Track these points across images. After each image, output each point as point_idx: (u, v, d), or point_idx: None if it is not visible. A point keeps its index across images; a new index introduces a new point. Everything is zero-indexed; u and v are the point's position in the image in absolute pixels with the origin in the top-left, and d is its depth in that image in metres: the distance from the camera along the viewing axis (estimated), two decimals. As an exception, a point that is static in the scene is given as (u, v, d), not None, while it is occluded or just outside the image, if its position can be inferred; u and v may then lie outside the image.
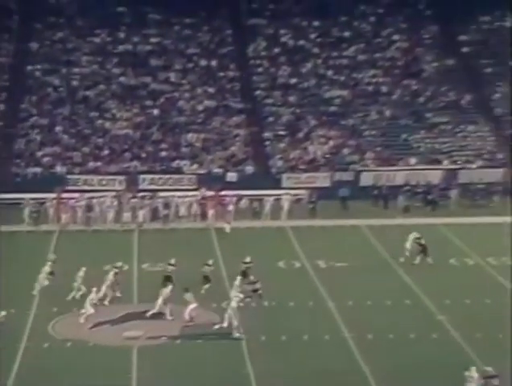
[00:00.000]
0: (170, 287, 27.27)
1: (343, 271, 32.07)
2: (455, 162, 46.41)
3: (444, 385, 22.70)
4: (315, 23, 54.72)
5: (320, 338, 25.79)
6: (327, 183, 44.91)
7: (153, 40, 53.29)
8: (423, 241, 33.14)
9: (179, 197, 40.92)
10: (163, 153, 47.08)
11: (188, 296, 26.99)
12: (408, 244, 33.31)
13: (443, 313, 27.62)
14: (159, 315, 27.23)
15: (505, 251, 33.64)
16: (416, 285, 30.49)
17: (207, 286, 29.42)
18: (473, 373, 21.90)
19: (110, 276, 28.90)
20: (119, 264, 30.04)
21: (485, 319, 26.96)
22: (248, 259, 30.44)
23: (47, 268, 29.60)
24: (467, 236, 36.11)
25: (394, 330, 26.29)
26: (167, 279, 28.27)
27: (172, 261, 30.07)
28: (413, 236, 33.49)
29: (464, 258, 33.45)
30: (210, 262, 30.36)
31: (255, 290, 28.02)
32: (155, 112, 49.28)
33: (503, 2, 52.57)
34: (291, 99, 50.49)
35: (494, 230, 37.31)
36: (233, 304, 26.05)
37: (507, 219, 39.16)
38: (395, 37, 53.58)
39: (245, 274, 29.37)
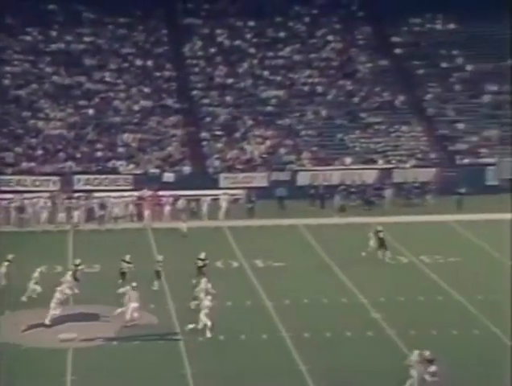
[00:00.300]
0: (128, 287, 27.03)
1: (280, 270, 32.24)
2: (389, 162, 47.04)
3: (380, 383, 22.93)
4: (251, 23, 54.86)
5: (258, 337, 25.85)
6: (264, 183, 45.15)
7: (86, 39, 52.71)
8: (381, 235, 33.38)
9: (115, 197, 40.56)
10: (99, 154, 46.56)
11: (133, 294, 26.79)
12: (372, 242, 33.67)
13: (379, 311, 27.94)
14: (94, 316, 26.92)
15: (439, 249, 34.25)
16: (352, 284, 30.82)
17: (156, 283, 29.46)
18: (415, 357, 22.52)
19: (68, 276, 28.58)
20: (77, 261, 29.85)
21: (418, 317, 27.35)
22: (203, 255, 30.67)
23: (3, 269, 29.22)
24: (401, 235, 36.62)
25: (330, 328, 26.54)
26: (123, 276, 28.43)
27: (127, 258, 29.98)
28: (373, 232, 33.89)
29: (399, 256, 33.92)
30: (159, 258, 30.58)
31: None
32: (90, 111, 48.74)
33: (433, 5, 53.57)
34: (228, 99, 50.51)
35: (428, 229, 37.90)
36: (207, 303, 25.94)
37: (441, 217, 39.88)
38: (330, 38, 54.10)
39: (201, 271, 29.70)
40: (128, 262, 30.04)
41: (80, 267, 29.74)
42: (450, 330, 26.03)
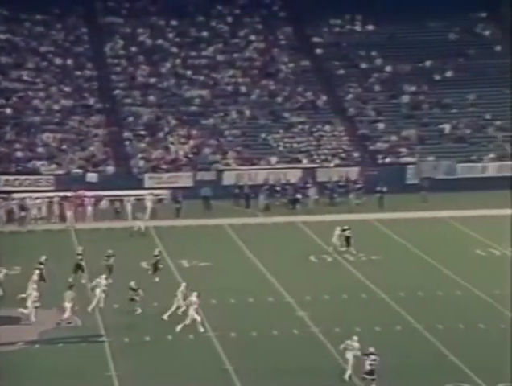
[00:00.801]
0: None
1: (206, 270, 32.15)
2: (313, 161, 47.56)
3: (307, 380, 23.21)
4: (173, 23, 54.59)
5: (185, 337, 25.74)
6: (189, 183, 45.05)
7: (1, 36, 51.52)
8: (347, 233, 33.75)
9: (36, 198, 39.76)
10: (19, 154, 45.57)
11: (69, 294, 26.58)
12: (335, 239, 33.89)
13: (304, 309, 28.18)
14: (15, 320, 26.35)
15: (363, 247, 34.73)
16: (278, 283, 30.97)
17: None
18: (354, 343, 23.46)
19: (35, 276, 28.09)
20: (43, 258, 29.56)
21: (343, 314, 27.72)
22: (156, 251, 31.00)
23: None
24: (324, 234, 37.04)
25: (257, 327, 26.69)
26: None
27: (42, 259, 29.63)
28: (338, 230, 34.10)
29: (323, 255, 34.25)
30: (79, 250, 30.68)
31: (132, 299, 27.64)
32: (8, 111, 47.69)
33: (353, 6, 54.32)
34: (151, 98, 50.15)
35: (350, 227, 38.41)
36: (194, 299, 25.96)
37: (363, 216, 40.50)
38: (252, 38, 54.30)
39: (155, 267, 30.16)
40: (41, 263, 29.57)
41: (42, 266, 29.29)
42: (373, 326, 26.42)
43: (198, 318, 25.96)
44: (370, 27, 55.51)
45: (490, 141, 49.07)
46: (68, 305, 26.33)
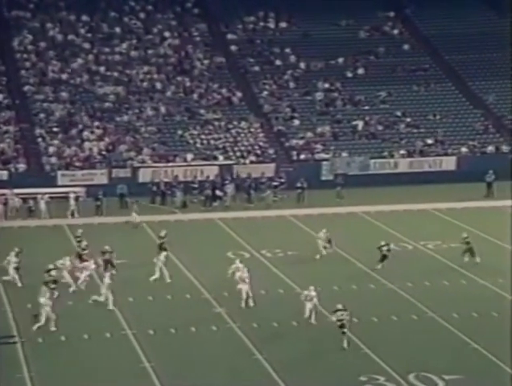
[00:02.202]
0: None
1: (123, 267, 31.81)
2: (229, 158, 47.65)
3: (227, 376, 23.32)
4: (84, 18, 53.75)
5: (102, 336, 25.48)
6: (104, 180, 44.68)
7: None
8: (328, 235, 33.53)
9: None
10: None
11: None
12: (320, 242, 33.98)
13: (223, 305, 28.27)
14: None
15: (279, 243, 35.00)
16: (196, 279, 30.92)
17: None
18: (312, 292, 26.36)
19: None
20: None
21: (261, 309, 27.92)
22: (107, 247, 30.91)
23: None
24: (242, 230, 37.14)
25: (175, 324, 26.66)
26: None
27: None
28: (323, 233, 34.08)
29: (240, 251, 34.39)
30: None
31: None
32: None
33: (266, 4, 54.63)
34: (63, 95, 49.32)
35: (268, 223, 38.66)
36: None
37: (280, 212, 40.82)
38: (166, 34, 53.97)
39: (107, 263, 29.93)
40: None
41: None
42: (290, 321, 26.69)
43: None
44: (283, 25, 55.93)
45: (401, 137, 50.22)
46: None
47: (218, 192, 43.82)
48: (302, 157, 48.75)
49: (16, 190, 41.03)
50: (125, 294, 28.56)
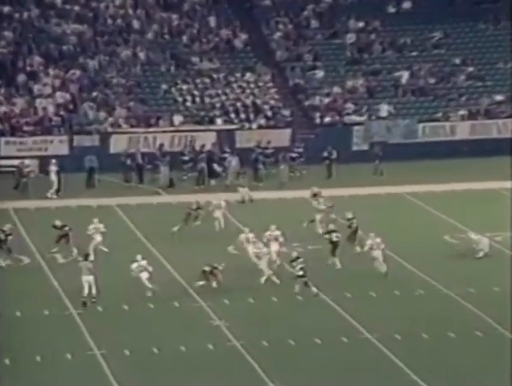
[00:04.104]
0: None
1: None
2: (231, 121, 47.49)
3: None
4: None
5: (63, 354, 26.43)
6: (64, 150, 44.72)
7: None
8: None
9: None
10: None
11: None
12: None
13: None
14: None
15: (297, 235, 34.97)
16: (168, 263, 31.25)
17: None
18: (249, 234, 32.05)
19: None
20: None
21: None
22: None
23: None
24: (248, 216, 37.06)
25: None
26: None
27: None
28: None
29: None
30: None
31: None
32: None
33: None
34: (7, 34, 49.20)
35: (281, 207, 38.51)
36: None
37: (299, 193, 40.75)
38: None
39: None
40: None
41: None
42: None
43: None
44: None
45: (461, 93, 49.98)
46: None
47: (216, 167, 43.71)
48: (327, 120, 48.57)
49: None
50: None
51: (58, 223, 33.71)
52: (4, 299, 29.90)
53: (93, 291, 29.55)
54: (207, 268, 30.24)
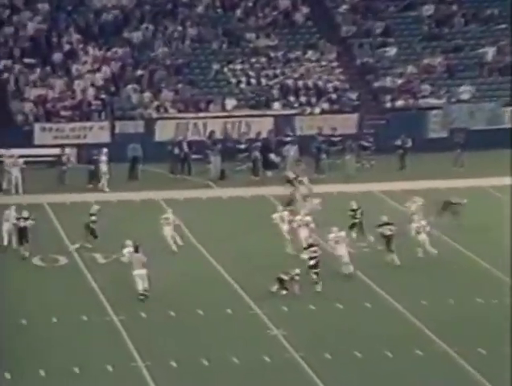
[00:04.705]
0: None
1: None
2: (290, 106, 47.73)
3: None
4: None
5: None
6: (105, 138, 45.14)
7: None
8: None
9: None
10: None
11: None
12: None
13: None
14: None
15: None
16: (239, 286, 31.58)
17: None
18: (169, 214, 34.26)
19: None
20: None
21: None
22: None
23: None
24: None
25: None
26: None
27: None
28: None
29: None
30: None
31: None
32: None
33: None
34: (41, 7, 49.77)
35: (348, 203, 38.72)
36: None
37: (370, 186, 40.92)
38: None
39: None
40: None
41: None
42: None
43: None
44: None
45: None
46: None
47: (273, 157, 44.01)
48: (399, 104, 48.58)
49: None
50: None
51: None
52: (38, 303, 30.34)
53: (146, 286, 30.18)
54: (285, 277, 30.50)
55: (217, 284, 31.95)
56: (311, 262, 30.94)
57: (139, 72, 48.06)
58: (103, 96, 47.05)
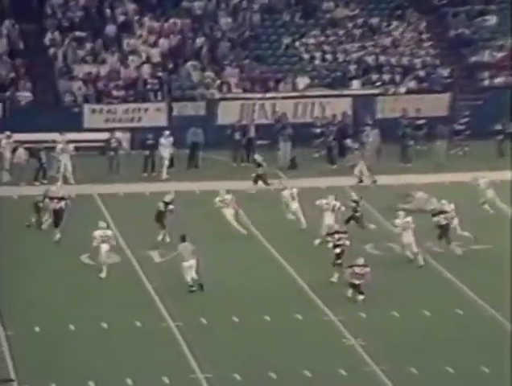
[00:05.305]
0: None
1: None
2: (370, 84, 47.87)
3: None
4: None
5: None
6: (162, 122, 45.61)
7: None
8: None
9: None
10: None
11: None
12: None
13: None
14: None
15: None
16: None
17: None
18: (226, 195, 35.38)
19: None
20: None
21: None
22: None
23: None
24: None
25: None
26: None
27: None
28: None
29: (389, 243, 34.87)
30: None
31: None
32: None
33: None
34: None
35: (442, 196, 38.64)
36: None
37: (453, 176, 40.92)
38: None
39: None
40: None
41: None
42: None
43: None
44: None
45: None
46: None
47: (349, 142, 44.03)
48: (498, 81, 48.46)
49: (16, 136, 42.17)
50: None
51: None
52: (85, 306, 30.59)
53: (194, 276, 30.96)
54: (356, 281, 30.59)
55: (285, 285, 32.03)
56: (337, 250, 31.44)
57: (200, 47, 48.49)
58: (160, 73, 47.52)
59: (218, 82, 47.34)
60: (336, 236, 31.58)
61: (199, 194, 40.01)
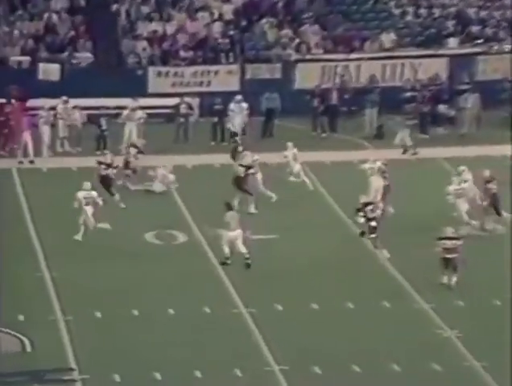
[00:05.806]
0: None
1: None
2: (471, 41, 47.68)
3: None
4: None
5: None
6: (234, 86, 45.87)
7: None
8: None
9: None
10: None
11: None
12: None
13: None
14: None
15: None
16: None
17: None
18: (294, 149, 37.39)
19: None
20: None
21: None
22: None
23: None
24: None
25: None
26: None
27: None
28: None
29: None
30: None
31: None
32: None
33: None
34: None
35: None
36: None
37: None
38: None
39: None
40: None
41: None
42: None
43: None
44: None
45: None
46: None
47: (443, 108, 44.01)
48: None
49: (75, 101, 42.46)
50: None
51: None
52: (151, 290, 30.87)
53: (242, 250, 31.51)
54: (449, 255, 30.52)
55: (369, 269, 32.07)
56: (373, 223, 32.39)
57: (276, 2, 48.53)
58: (231, 32, 47.71)
59: (296, 41, 47.39)
60: (368, 207, 32.41)
61: (274, 165, 39.95)
